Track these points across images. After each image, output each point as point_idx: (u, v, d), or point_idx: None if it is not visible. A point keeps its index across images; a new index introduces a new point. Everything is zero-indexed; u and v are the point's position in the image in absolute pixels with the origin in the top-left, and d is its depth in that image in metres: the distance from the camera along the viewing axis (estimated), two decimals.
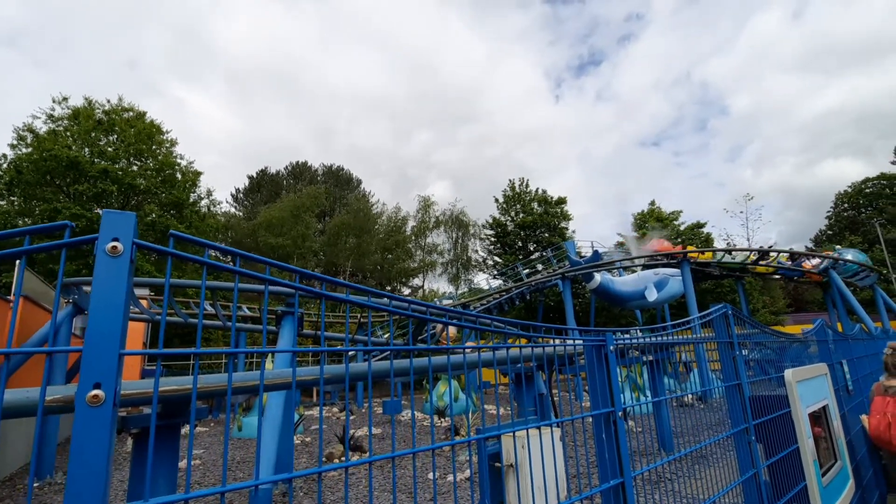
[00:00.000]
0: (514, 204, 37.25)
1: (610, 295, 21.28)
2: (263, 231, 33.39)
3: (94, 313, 0.83)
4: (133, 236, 0.89)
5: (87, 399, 0.79)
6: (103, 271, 0.85)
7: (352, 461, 1.32)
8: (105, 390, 0.81)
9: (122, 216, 0.88)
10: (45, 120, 23.85)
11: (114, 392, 0.82)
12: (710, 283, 30.53)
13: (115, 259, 0.86)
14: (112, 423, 0.81)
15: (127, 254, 0.87)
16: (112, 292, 0.85)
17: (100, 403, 0.80)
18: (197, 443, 11.08)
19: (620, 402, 1.98)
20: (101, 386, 0.81)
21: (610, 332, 2.08)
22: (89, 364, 0.81)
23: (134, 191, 24.38)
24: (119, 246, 0.87)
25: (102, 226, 0.87)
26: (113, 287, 0.85)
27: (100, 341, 0.82)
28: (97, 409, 0.79)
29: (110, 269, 0.86)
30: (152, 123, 26.53)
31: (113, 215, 0.88)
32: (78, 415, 0.78)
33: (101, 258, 0.86)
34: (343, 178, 49.02)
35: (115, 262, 0.86)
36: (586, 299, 30.89)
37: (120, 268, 0.86)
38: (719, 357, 3.50)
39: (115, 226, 0.88)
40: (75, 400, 0.79)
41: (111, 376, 0.81)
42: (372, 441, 1.35)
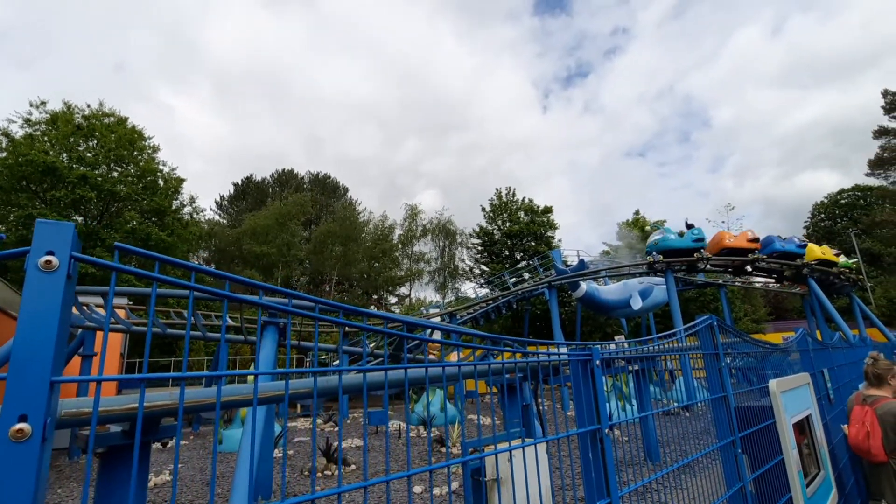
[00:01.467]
0: (501, 213, 37.37)
1: (596, 303, 21.38)
2: (248, 239, 32.95)
3: (21, 335, 0.74)
4: (72, 249, 0.80)
5: (10, 434, 0.70)
6: (34, 288, 0.76)
7: (345, 487, 1.23)
8: (32, 423, 0.72)
9: (58, 227, 0.80)
10: (21, 124, 23.28)
11: (43, 425, 0.72)
12: (694, 292, 30.91)
13: (49, 274, 0.77)
14: (40, 461, 0.72)
15: (63, 269, 0.79)
16: (43, 311, 0.76)
17: (25, 439, 0.70)
18: (173, 458, 10.74)
19: (607, 419, 1.92)
20: (27, 418, 0.71)
21: (597, 346, 2.03)
22: (14, 393, 0.71)
23: (114, 197, 23.88)
24: (54, 260, 0.78)
25: (35, 237, 0.78)
26: (45, 306, 0.76)
27: (27, 367, 0.72)
28: (22, 444, 0.70)
29: (43, 286, 0.77)
30: (133, 129, 26.09)
31: (48, 226, 0.79)
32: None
33: (33, 273, 0.77)
34: (329, 186, 48.74)
35: (48, 278, 0.77)
36: (572, 308, 31.01)
37: (54, 284, 0.77)
38: (705, 368, 3.48)
39: (50, 237, 0.79)
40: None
41: (40, 407, 0.72)
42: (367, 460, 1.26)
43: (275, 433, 9.78)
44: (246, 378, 12.19)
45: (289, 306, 1.09)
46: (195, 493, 7.54)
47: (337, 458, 9.22)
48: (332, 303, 1.29)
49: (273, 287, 1.25)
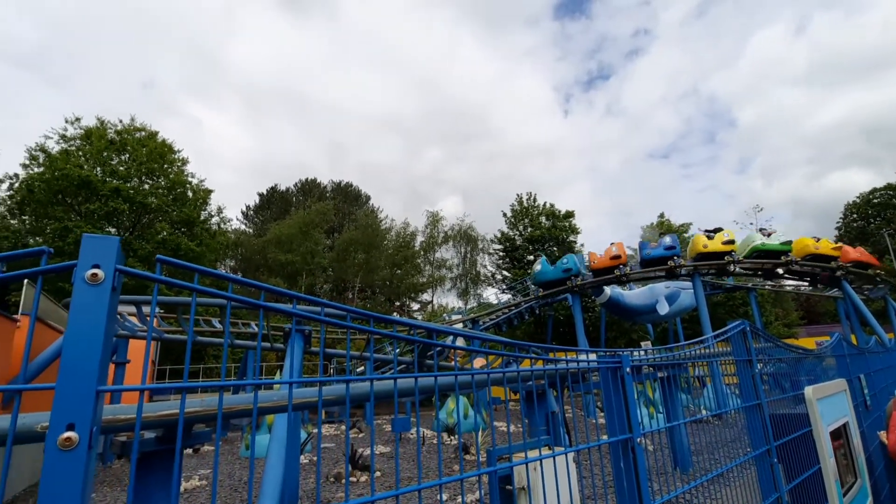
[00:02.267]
0: (523, 218, 37.16)
1: (620, 309, 21.01)
2: (273, 247, 33.57)
3: (69, 346, 0.76)
4: (116, 262, 0.83)
5: (58, 442, 0.72)
6: (81, 301, 0.79)
7: (379, 495, 1.23)
8: (79, 432, 0.74)
9: (104, 241, 0.82)
10: (57, 140, 24.30)
11: (89, 433, 0.75)
12: (722, 296, 30.08)
13: (95, 287, 0.80)
14: (87, 468, 0.74)
15: (108, 281, 0.81)
16: (90, 324, 0.78)
17: (73, 447, 0.73)
18: (204, 463, 10.96)
19: (639, 428, 1.87)
20: (74, 427, 0.74)
21: (626, 353, 1.98)
22: (62, 403, 0.74)
23: (145, 209, 24.66)
24: (100, 273, 0.80)
25: (82, 251, 0.81)
26: (91, 317, 0.79)
27: (74, 378, 0.75)
28: (70, 453, 0.72)
29: (89, 299, 0.79)
30: (164, 143, 26.93)
31: (94, 240, 0.82)
32: (48, 460, 0.71)
33: (80, 286, 0.80)
34: (352, 195, 49.33)
35: (94, 291, 0.80)
36: (596, 313, 30.53)
37: (100, 296, 0.80)
38: (738, 375, 3.37)
39: (96, 251, 0.82)
40: (46, 443, 0.72)
41: (87, 416, 0.74)
42: (399, 468, 1.27)
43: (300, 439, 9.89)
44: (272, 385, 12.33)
45: (321, 315, 1.11)
46: (224, 499, 7.66)
47: (362, 464, 9.26)
48: (362, 311, 1.30)
49: (305, 296, 1.26)
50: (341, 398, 4.89)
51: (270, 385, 7.54)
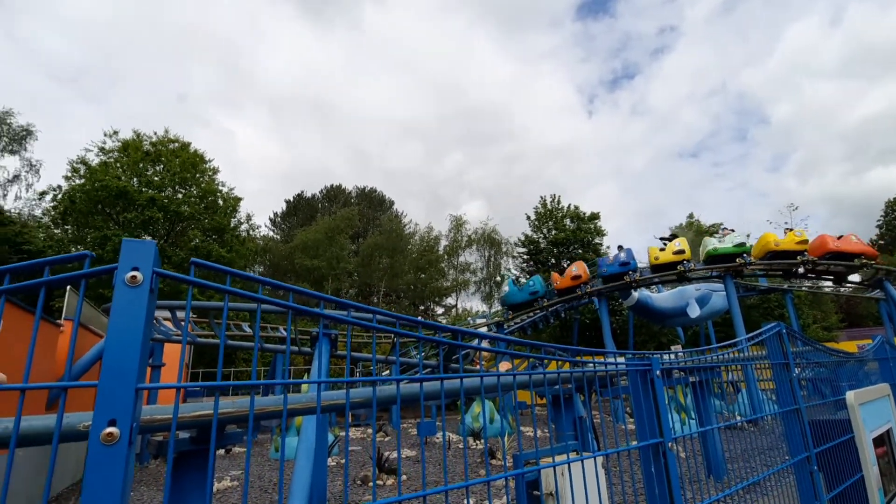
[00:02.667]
0: (547, 220, 36.82)
1: (649, 312, 20.55)
2: (299, 253, 34.21)
3: (111, 345, 0.80)
4: (154, 265, 0.87)
5: (101, 437, 0.75)
6: (122, 301, 0.83)
7: (406, 495, 1.24)
8: (121, 427, 0.77)
9: (142, 245, 0.86)
10: (96, 152, 25.41)
11: (130, 429, 0.78)
12: (756, 298, 29.07)
13: (135, 289, 0.84)
14: (128, 461, 0.77)
15: (147, 283, 0.85)
16: (130, 323, 0.82)
17: (114, 442, 0.76)
18: (235, 464, 11.21)
19: (670, 432, 1.82)
20: (116, 423, 0.77)
21: (656, 356, 1.94)
22: (105, 400, 0.77)
23: (179, 217, 25.50)
24: (139, 275, 0.84)
25: (122, 255, 0.85)
26: (131, 318, 0.82)
27: (116, 375, 0.78)
28: (112, 447, 0.75)
29: (130, 299, 0.83)
30: (196, 153, 27.83)
31: (133, 244, 0.86)
32: (91, 453, 0.75)
33: (120, 288, 0.83)
34: (376, 200, 49.87)
35: (134, 292, 0.84)
36: (624, 316, 29.93)
37: (139, 298, 0.83)
38: (774, 379, 3.25)
39: (135, 255, 0.85)
40: (89, 438, 0.76)
41: (127, 412, 0.78)
42: (425, 470, 1.27)
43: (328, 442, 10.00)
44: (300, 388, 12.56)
45: (348, 317, 1.13)
46: (254, 501, 7.81)
47: (388, 468, 9.30)
48: (388, 312, 1.31)
49: (332, 298, 1.28)
50: (368, 400, 4.93)
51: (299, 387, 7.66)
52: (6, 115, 27.96)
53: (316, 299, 1.24)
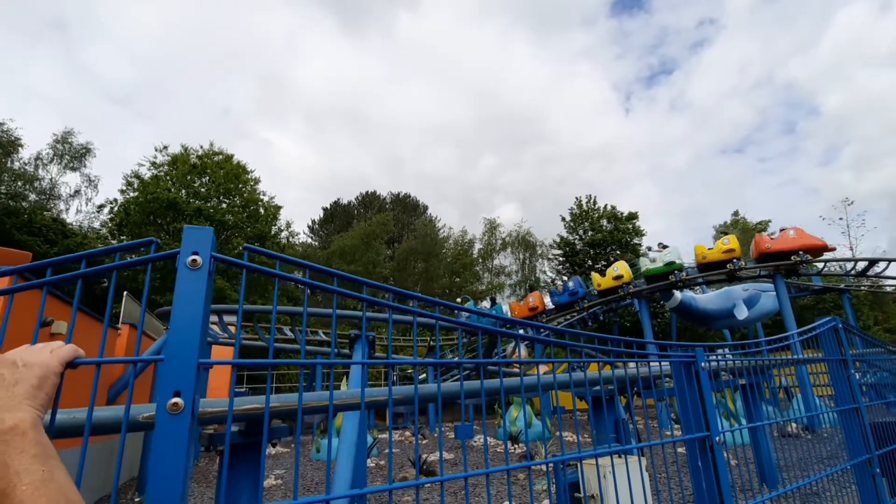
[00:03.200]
0: (582, 222, 36.19)
1: (692, 314, 19.79)
2: (337, 259, 34.99)
3: (176, 323, 0.86)
4: (211, 250, 0.93)
5: (167, 407, 0.81)
6: (184, 283, 0.89)
7: (423, 479, 1.27)
8: (185, 398, 0.83)
9: (201, 231, 0.92)
10: (148, 167, 26.90)
11: (192, 400, 0.84)
12: (810, 299, 27.53)
13: (195, 272, 0.90)
14: (191, 432, 0.83)
15: (206, 266, 0.91)
16: (192, 303, 0.88)
17: (179, 411, 0.82)
18: (278, 463, 11.54)
19: (717, 426, 1.76)
20: (180, 394, 0.83)
21: (699, 347, 1.89)
22: (169, 372, 0.83)
23: (223, 226, 26.63)
24: (199, 259, 0.90)
25: (184, 240, 0.91)
26: (193, 298, 0.88)
27: (179, 350, 0.85)
28: (177, 416, 0.81)
29: (191, 281, 0.89)
30: (238, 164, 29.06)
31: (193, 231, 0.92)
32: (158, 422, 0.81)
33: (183, 271, 0.90)
34: (410, 205, 50.42)
35: (195, 275, 0.90)
36: (666, 319, 28.97)
37: (199, 279, 0.90)
38: (830, 378, 3.07)
39: (195, 240, 0.92)
40: (156, 409, 0.82)
41: (190, 385, 0.84)
42: (443, 465, 1.30)
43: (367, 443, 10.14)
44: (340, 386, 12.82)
45: (390, 300, 1.17)
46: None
47: (427, 470, 9.34)
48: (428, 297, 1.34)
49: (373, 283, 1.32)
50: (408, 397, 4.98)
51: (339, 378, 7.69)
52: (67, 135, 30.01)
53: (357, 284, 1.28)
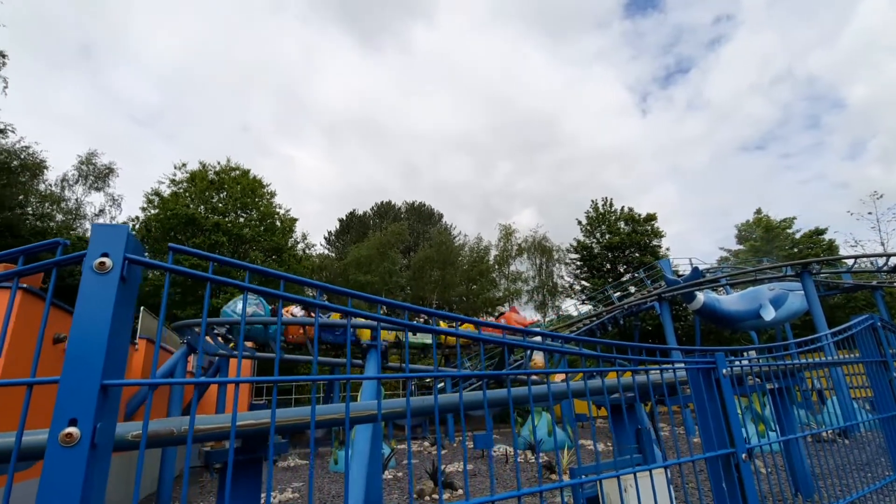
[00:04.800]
0: (599, 225, 35.67)
1: (716, 316, 19.19)
2: (353, 269, 35.11)
3: (75, 337, 0.73)
4: (126, 251, 0.80)
5: (59, 438, 0.68)
6: (89, 289, 0.76)
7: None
8: (82, 428, 0.69)
9: (113, 229, 0.80)
10: (168, 184, 27.47)
11: (92, 430, 0.70)
12: (841, 297, 26.51)
13: (103, 276, 0.77)
14: (90, 467, 0.69)
15: (117, 270, 0.78)
16: (96, 313, 0.75)
17: (73, 443, 0.68)
18: (295, 476, 11.44)
19: (743, 441, 1.56)
20: (77, 423, 0.69)
21: (720, 353, 1.69)
22: (65, 396, 0.70)
23: (241, 240, 26.96)
24: (108, 262, 0.77)
25: (91, 240, 0.78)
26: (98, 307, 0.75)
27: (77, 370, 0.71)
28: (70, 449, 0.68)
29: (96, 288, 0.76)
30: (255, 179, 29.49)
31: (103, 228, 0.79)
32: (48, 456, 0.67)
33: (88, 275, 0.77)
34: (425, 214, 50.48)
35: (102, 280, 0.77)
36: (689, 322, 28.21)
37: (107, 285, 0.76)
38: (869, 380, 2.81)
39: (105, 240, 0.79)
40: (48, 439, 0.68)
41: (89, 411, 0.70)
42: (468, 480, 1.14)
43: (383, 455, 9.98)
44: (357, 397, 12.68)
45: (405, 320, 1.02)
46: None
47: (446, 482, 9.12)
48: (446, 314, 1.20)
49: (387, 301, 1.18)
50: (422, 408, 4.82)
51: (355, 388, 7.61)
52: (91, 156, 30.91)
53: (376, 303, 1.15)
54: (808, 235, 34.41)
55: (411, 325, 1.13)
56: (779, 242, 34.13)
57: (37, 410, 2.18)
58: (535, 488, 1.28)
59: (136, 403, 9.19)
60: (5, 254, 0.82)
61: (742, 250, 36.67)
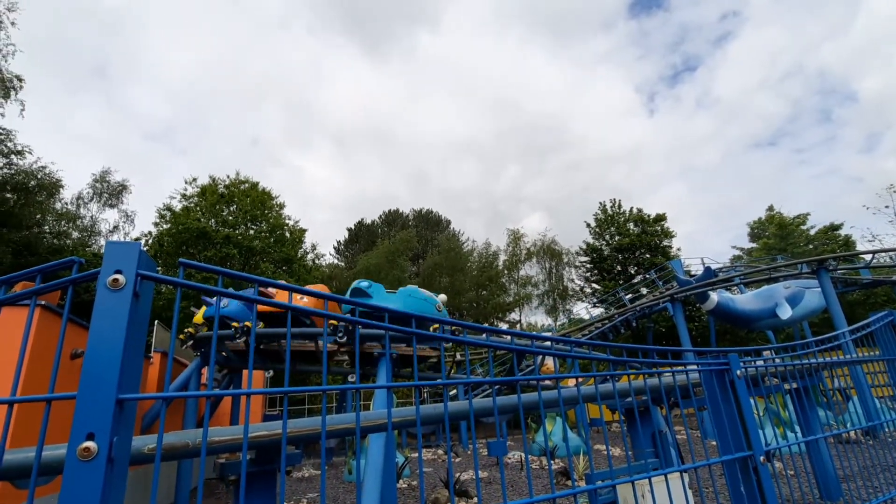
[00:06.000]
0: (608, 227, 35.46)
1: (731, 316, 18.93)
2: (362, 277, 35.27)
3: (91, 353, 0.74)
4: (139, 268, 0.81)
5: (77, 452, 0.69)
6: (103, 306, 0.78)
7: None
8: (99, 442, 0.71)
9: (126, 246, 0.81)
10: (179, 199, 27.88)
11: (109, 444, 0.71)
12: (860, 294, 26.02)
13: (116, 293, 0.79)
14: (107, 481, 0.70)
15: (130, 287, 0.79)
16: (111, 329, 0.76)
17: (91, 458, 0.69)
18: (310, 487, 11.44)
19: (760, 443, 1.53)
20: (94, 437, 0.71)
21: (734, 353, 1.67)
22: (82, 411, 0.71)
23: (251, 252, 27.23)
24: (121, 278, 0.79)
25: (105, 258, 0.80)
26: (112, 323, 0.77)
27: (94, 385, 0.73)
28: (88, 463, 0.69)
29: (111, 304, 0.78)
30: (264, 191, 29.83)
31: (116, 246, 0.81)
32: (67, 471, 0.68)
33: (102, 292, 0.78)
34: (433, 220, 50.61)
35: (115, 296, 0.78)
36: (703, 322, 27.85)
37: (121, 302, 0.78)
38: (890, 378, 2.75)
39: (118, 257, 0.81)
40: (66, 454, 0.70)
41: (105, 426, 0.71)
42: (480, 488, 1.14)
43: (397, 463, 9.95)
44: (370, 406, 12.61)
45: (413, 328, 1.03)
46: None
47: (461, 490, 9.06)
48: (455, 321, 1.21)
49: (397, 311, 1.19)
50: (437, 416, 4.80)
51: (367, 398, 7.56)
52: (105, 174, 31.47)
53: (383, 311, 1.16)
54: (823, 231, 33.89)
55: (419, 334, 1.13)
56: (793, 239, 33.65)
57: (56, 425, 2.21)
58: (549, 495, 1.27)
59: (151, 417, 9.28)
60: (23, 273, 0.85)
61: (755, 248, 36.21)
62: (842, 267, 18.97)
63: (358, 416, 1.29)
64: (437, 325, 4.60)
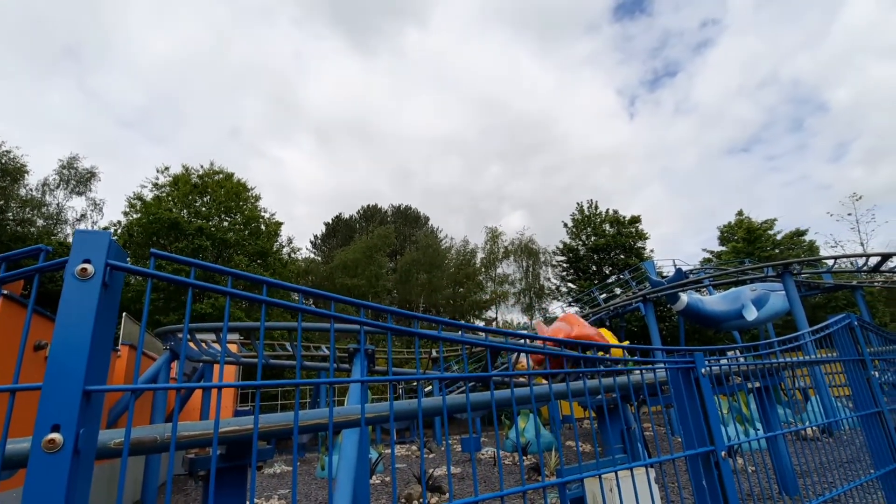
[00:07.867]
0: (585, 227, 36.03)
1: (699, 316, 19.48)
2: (340, 273, 34.92)
3: (57, 343, 0.73)
4: (108, 257, 0.80)
5: (42, 444, 0.68)
6: (71, 295, 0.76)
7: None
8: (65, 434, 0.69)
9: (95, 235, 0.80)
10: (150, 188, 27.05)
11: (75, 436, 0.70)
12: (822, 297, 27.13)
13: (85, 282, 0.77)
14: (73, 473, 0.69)
15: (98, 276, 0.78)
16: (79, 320, 0.75)
17: (56, 450, 0.68)
18: (281, 483, 11.31)
19: (723, 439, 1.60)
20: (59, 429, 0.69)
21: (699, 352, 1.73)
22: (48, 402, 0.70)
23: (225, 244, 26.63)
24: (89, 268, 0.77)
25: (73, 246, 0.78)
26: (80, 313, 0.75)
27: (60, 375, 0.71)
28: (53, 455, 0.68)
29: (79, 294, 0.76)
30: (239, 182, 29.16)
31: (85, 235, 0.79)
32: (31, 462, 0.67)
33: (70, 282, 0.77)
34: (412, 217, 50.46)
35: (84, 286, 0.77)
36: (674, 322, 28.62)
37: (89, 291, 0.77)
38: (847, 379, 2.89)
39: (87, 246, 0.79)
40: (31, 445, 0.68)
41: (72, 417, 0.70)
42: (452, 482, 1.15)
43: (370, 459, 9.92)
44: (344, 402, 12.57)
45: (389, 323, 1.03)
46: None
47: (433, 485, 9.10)
48: (430, 317, 1.21)
49: (371, 305, 1.19)
50: (410, 412, 4.81)
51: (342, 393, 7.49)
52: (73, 160, 30.29)
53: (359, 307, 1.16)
54: (789, 236, 35.16)
55: (394, 329, 1.14)
56: (760, 243, 34.83)
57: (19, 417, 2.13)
58: (519, 488, 1.30)
59: (118, 411, 9.01)
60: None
61: (724, 251, 37.35)
62: (805, 271, 19.75)
63: (331, 411, 1.29)
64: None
